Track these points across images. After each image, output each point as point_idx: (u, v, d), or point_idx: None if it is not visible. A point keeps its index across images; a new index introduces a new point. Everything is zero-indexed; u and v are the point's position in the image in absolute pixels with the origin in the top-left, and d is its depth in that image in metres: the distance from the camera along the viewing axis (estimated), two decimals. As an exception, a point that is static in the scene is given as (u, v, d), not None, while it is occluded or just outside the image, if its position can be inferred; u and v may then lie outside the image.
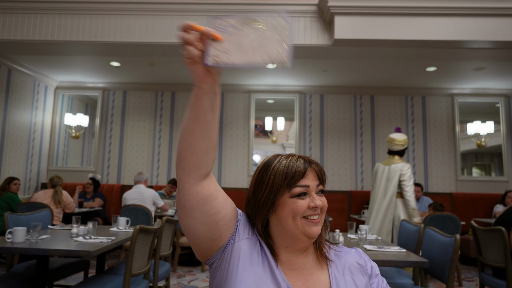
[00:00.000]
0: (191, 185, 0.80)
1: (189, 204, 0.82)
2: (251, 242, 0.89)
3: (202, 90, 0.75)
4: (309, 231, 0.87)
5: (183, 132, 0.79)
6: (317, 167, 0.93)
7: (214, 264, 0.89)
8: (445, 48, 4.17)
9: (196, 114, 0.77)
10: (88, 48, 4.56)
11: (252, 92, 6.42)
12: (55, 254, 2.16)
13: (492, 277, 2.96)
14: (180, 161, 0.80)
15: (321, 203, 0.89)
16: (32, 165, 5.97)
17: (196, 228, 0.84)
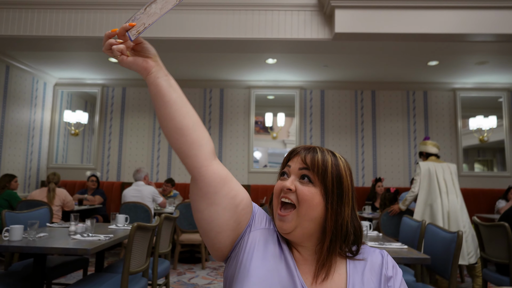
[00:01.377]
0: (207, 165, 0.78)
1: (211, 188, 0.78)
2: (268, 232, 0.85)
3: (152, 76, 0.77)
4: (277, 224, 0.83)
5: (163, 123, 0.79)
6: (306, 151, 0.85)
7: (231, 256, 0.85)
8: (447, 41, 4.12)
9: (162, 100, 0.77)
10: (87, 44, 4.52)
11: (252, 88, 6.37)
12: (52, 252, 2.14)
13: (495, 273, 2.93)
14: (178, 151, 0.78)
15: (288, 185, 0.81)
16: (32, 163, 5.95)
17: (220, 215, 0.79)
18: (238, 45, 4.43)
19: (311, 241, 0.83)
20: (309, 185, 0.81)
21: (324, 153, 0.84)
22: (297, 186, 0.82)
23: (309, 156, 0.83)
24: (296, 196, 0.81)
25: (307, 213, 0.79)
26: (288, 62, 5.38)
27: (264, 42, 4.29)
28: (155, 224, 2.53)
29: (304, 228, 0.80)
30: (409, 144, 6.19)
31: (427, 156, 4.04)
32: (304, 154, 0.84)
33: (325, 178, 0.81)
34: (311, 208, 0.79)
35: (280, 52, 4.80)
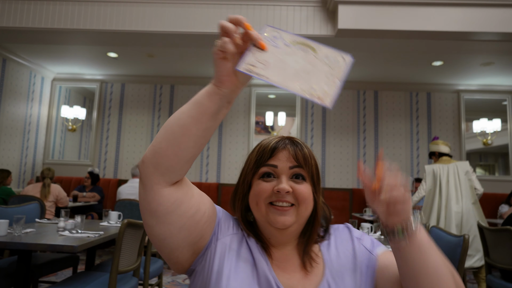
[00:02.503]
0: (162, 186, 0.67)
1: (162, 208, 0.67)
2: (237, 237, 0.78)
3: (218, 91, 0.64)
4: (273, 219, 0.74)
5: (175, 128, 0.65)
6: (295, 147, 0.78)
7: (196, 269, 0.76)
8: (452, 40, 4.02)
9: (199, 114, 0.65)
10: (85, 37, 4.43)
11: (253, 86, 6.27)
12: (37, 248, 2.04)
13: (500, 279, 2.82)
14: (156, 158, 0.65)
15: (287, 188, 0.74)
16: (27, 158, 5.85)
17: (174, 235, 0.70)
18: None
19: (296, 237, 0.80)
20: (304, 183, 0.76)
21: (304, 145, 0.80)
22: (294, 186, 0.75)
23: (299, 151, 0.78)
24: (293, 197, 0.75)
25: (306, 211, 0.77)
26: (290, 60, 5.27)
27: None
28: (147, 221, 2.43)
29: (300, 224, 0.78)
30: (412, 145, 6.08)
31: (439, 156, 3.92)
32: (293, 150, 0.78)
33: (312, 173, 0.78)
34: (309, 205, 0.77)
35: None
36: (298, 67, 0.60)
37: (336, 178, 6.04)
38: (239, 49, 0.62)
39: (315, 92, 0.57)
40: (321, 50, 0.63)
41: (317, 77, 0.59)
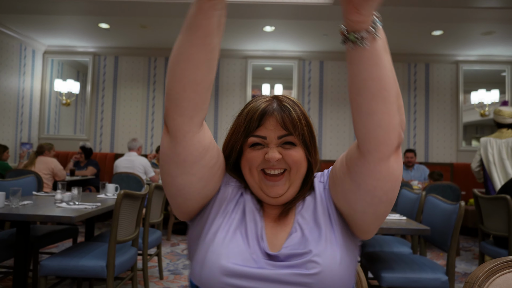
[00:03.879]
0: (194, 133, 0.66)
1: (191, 158, 0.68)
2: (237, 189, 0.81)
3: (211, 2, 0.56)
4: (266, 189, 0.77)
5: (182, 65, 0.61)
6: (283, 112, 0.77)
7: (197, 217, 0.80)
8: (453, 7, 3.91)
9: (201, 38, 0.59)
10: (75, 6, 4.29)
11: (249, 58, 6.16)
12: (35, 219, 2.04)
13: (493, 246, 2.88)
14: (178, 104, 0.63)
15: (276, 156, 0.75)
16: (23, 133, 5.80)
17: (193, 185, 0.72)
18: (234, 9, 4.21)
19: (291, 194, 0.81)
20: (294, 148, 0.77)
21: (293, 107, 0.78)
22: (283, 153, 0.76)
23: (287, 117, 0.76)
24: (284, 162, 0.76)
25: (298, 173, 0.78)
26: (287, 31, 5.16)
27: (261, 6, 4.07)
28: (144, 192, 2.43)
29: (295, 186, 0.79)
30: (409, 118, 6.07)
31: (498, 127, 3.65)
32: (281, 117, 0.76)
33: (304, 135, 0.78)
34: (301, 167, 0.78)
35: (278, 18, 4.58)
36: None
37: (332, 150, 6.05)
38: None
39: None
40: None
41: None
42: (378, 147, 0.62)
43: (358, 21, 0.55)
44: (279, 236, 0.76)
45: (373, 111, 0.60)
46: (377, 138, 0.62)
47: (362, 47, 0.57)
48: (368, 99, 0.60)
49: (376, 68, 0.58)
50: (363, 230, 0.75)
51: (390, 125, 0.61)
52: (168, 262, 3.46)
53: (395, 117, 0.61)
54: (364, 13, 0.54)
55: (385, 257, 2.32)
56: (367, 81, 0.59)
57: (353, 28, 0.56)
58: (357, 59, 0.58)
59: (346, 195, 0.72)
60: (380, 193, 0.67)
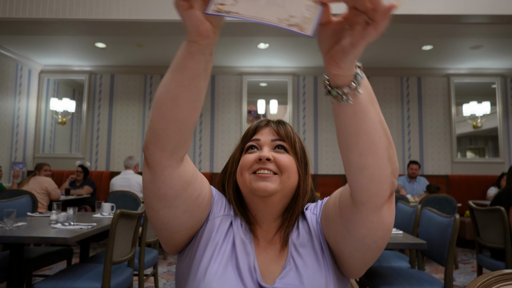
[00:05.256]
0: (173, 167, 0.66)
1: (171, 192, 0.68)
2: (226, 219, 0.80)
3: (199, 46, 0.57)
4: (255, 185, 0.76)
5: (168, 103, 0.61)
6: (277, 124, 0.84)
7: (185, 249, 0.80)
8: (442, 23, 4.01)
9: (188, 80, 0.59)
10: (72, 27, 4.33)
11: (244, 74, 6.23)
12: (30, 241, 2.02)
13: (490, 258, 2.87)
14: (160, 140, 0.63)
15: (267, 155, 0.78)
16: (17, 152, 5.78)
17: (178, 218, 0.71)
18: (229, 28, 4.28)
19: (280, 212, 0.82)
20: (285, 153, 0.80)
21: (288, 126, 0.85)
22: (275, 155, 0.79)
23: (281, 127, 0.83)
24: (275, 166, 0.78)
25: (289, 180, 0.78)
26: (281, 47, 5.25)
27: (255, 24, 4.14)
28: (141, 211, 2.42)
29: (283, 196, 0.79)
30: (403, 129, 6.12)
31: None
32: (275, 126, 0.84)
33: (296, 148, 0.82)
34: (292, 175, 0.79)
35: (271, 35, 4.66)
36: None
37: (329, 164, 6.07)
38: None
39: (293, 20, 0.50)
40: None
41: (295, 1, 0.51)
42: (370, 200, 0.62)
43: (338, 75, 0.54)
44: (272, 268, 0.75)
45: (364, 166, 0.59)
46: (369, 191, 0.61)
47: (346, 103, 0.56)
48: (358, 154, 0.59)
49: (362, 123, 0.57)
50: (349, 271, 0.75)
51: (382, 178, 0.60)
52: (165, 282, 3.42)
53: (386, 169, 0.60)
54: (343, 66, 0.53)
55: (383, 272, 2.31)
56: (354, 137, 0.58)
57: (335, 83, 0.55)
58: (342, 114, 0.57)
59: (336, 236, 0.71)
60: (369, 242, 0.67)
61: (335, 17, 0.53)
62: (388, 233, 0.67)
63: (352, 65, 0.54)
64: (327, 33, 0.53)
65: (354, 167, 0.60)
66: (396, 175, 0.63)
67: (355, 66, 0.55)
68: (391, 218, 0.66)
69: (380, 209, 0.63)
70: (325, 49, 0.54)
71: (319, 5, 0.50)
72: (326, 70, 0.55)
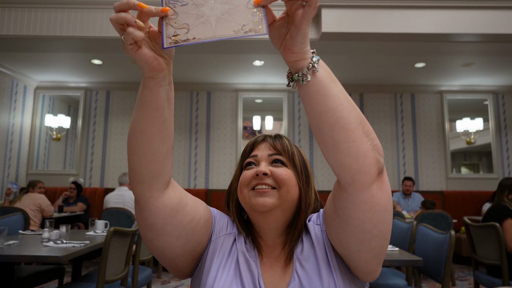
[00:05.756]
0: (156, 198, 0.68)
1: (159, 221, 0.69)
2: (229, 238, 0.80)
3: (156, 80, 0.60)
4: (254, 201, 0.75)
5: (136, 137, 0.64)
6: (274, 139, 0.84)
7: (194, 272, 0.80)
8: (434, 41, 4.09)
9: (151, 113, 0.63)
10: (68, 44, 4.37)
11: (240, 91, 6.28)
12: (21, 260, 1.98)
13: (487, 275, 2.86)
14: (137, 173, 0.66)
15: (264, 170, 0.77)
16: (10, 169, 5.72)
17: (173, 245, 0.72)
18: (225, 45, 4.34)
19: (283, 227, 0.80)
20: (283, 167, 0.79)
21: (286, 139, 0.85)
22: (272, 169, 0.78)
23: (278, 142, 0.83)
24: (273, 180, 0.77)
25: (288, 194, 0.77)
26: (276, 64, 5.31)
27: (251, 42, 4.20)
28: (135, 229, 2.39)
29: (284, 210, 0.78)
30: (398, 146, 6.16)
31: None
32: (272, 141, 0.84)
33: (294, 161, 0.81)
34: (291, 188, 0.78)
35: (266, 53, 4.73)
36: (218, 13, 0.56)
37: (324, 180, 6.06)
38: (145, 30, 0.57)
39: (246, 27, 0.56)
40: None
41: (240, 13, 0.56)
42: (355, 176, 0.61)
43: (295, 61, 0.60)
44: (278, 285, 0.75)
45: (336, 142, 0.61)
46: (350, 167, 0.61)
47: (307, 83, 0.60)
48: (329, 130, 0.61)
49: (327, 100, 0.60)
50: (364, 271, 0.73)
51: (360, 152, 0.60)
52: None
53: (363, 143, 0.61)
54: (296, 50, 0.58)
55: (379, 290, 2.29)
56: (322, 114, 0.61)
57: (295, 69, 0.60)
58: (307, 95, 0.61)
59: (338, 234, 0.70)
60: (369, 227, 0.65)
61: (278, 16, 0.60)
62: (386, 213, 0.66)
63: (304, 47, 0.59)
64: (275, 31, 0.60)
65: (329, 144, 0.62)
66: (381, 153, 0.63)
67: (309, 51, 0.60)
68: (386, 199, 0.65)
69: (369, 187, 0.63)
70: (279, 44, 0.61)
71: (260, 7, 0.57)
72: (286, 61, 0.61)
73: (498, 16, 3.83)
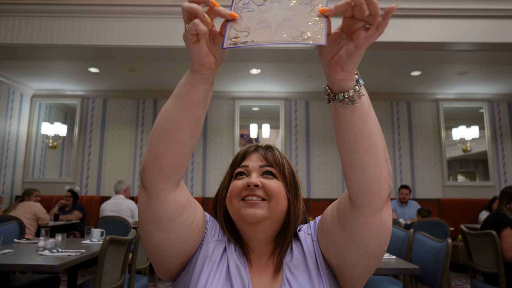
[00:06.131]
0: (169, 191, 0.68)
1: (166, 215, 0.69)
2: (220, 244, 0.80)
3: (201, 76, 0.63)
4: (244, 212, 0.76)
5: (168, 127, 0.65)
6: (265, 150, 0.84)
7: (180, 275, 0.79)
8: (430, 50, 4.14)
9: (189, 106, 0.64)
10: (65, 52, 4.38)
11: (237, 99, 6.30)
12: (16, 269, 1.97)
13: (484, 283, 2.85)
14: (157, 163, 0.66)
15: (255, 181, 0.77)
16: (6, 177, 5.68)
17: (171, 243, 0.72)
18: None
19: (271, 237, 0.81)
20: (273, 179, 0.80)
21: (276, 151, 0.85)
22: (263, 181, 0.79)
23: (269, 153, 0.83)
24: (263, 192, 0.78)
25: (278, 206, 0.78)
26: (272, 73, 5.34)
27: (247, 50, 4.23)
28: (131, 237, 2.38)
29: (273, 221, 0.79)
30: (394, 154, 6.18)
31: None
32: (263, 152, 0.84)
33: (284, 173, 0.82)
34: (281, 200, 0.78)
35: (263, 61, 4.76)
36: (280, 18, 0.57)
37: (321, 188, 6.06)
38: (209, 27, 0.59)
39: (305, 35, 0.55)
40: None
41: (301, 20, 0.57)
42: (372, 200, 0.64)
43: (343, 80, 0.59)
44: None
45: (366, 166, 0.62)
46: (371, 191, 0.63)
47: (351, 106, 0.60)
48: (361, 154, 0.62)
49: (366, 124, 0.61)
50: (352, 283, 0.75)
51: (382, 178, 0.63)
52: (155, 310, 3.31)
53: (385, 169, 0.64)
54: (348, 70, 0.58)
55: (377, 298, 2.28)
56: (358, 138, 0.61)
57: (340, 88, 0.59)
58: (347, 117, 0.61)
59: (338, 247, 0.71)
60: (373, 246, 0.68)
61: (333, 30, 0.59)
62: (389, 235, 0.69)
63: (355, 68, 0.59)
64: (328, 44, 0.57)
65: (357, 167, 0.63)
66: (391, 177, 0.66)
67: (355, 72, 0.60)
68: (390, 221, 0.68)
69: (381, 210, 0.66)
70: (327, 59, 0.59)
71: (323, 17, 0.56)
72: (331, 77, 0.60)
73: (493, 25, 3.89)
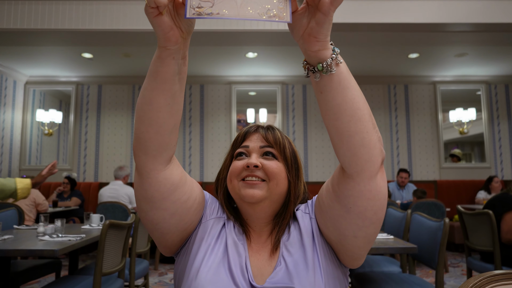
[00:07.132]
0: (158, 170, 0.69)
1: (158, 194, 0.70)
2: (219, 221, 0.82)
3: (169, 51, 0.60)
4: (243, 193, 0.77)
5: (144, 107, 0.65)
6: (266, 130, 0.84)
7: (181, 251, 0.81)
8: (427, 31, 4.10)
9: (161, 84, 0.63)
10: (58, 37, 4.30)
11: (233, 84, 6.25)
12: (16, 254, 1.97)
13: (480, 261, 2.91)
14: (142, 143, 0.67)
15: (255, 162, 0.78)
16: (3, 165, 5.66)
17: (166, 220, 0.73)
18: (217, 37, 4.31)
19: (270, 217, 0.82)
20: (274, 160, 0.80)
21: (278, 131, 0.85)
22: (263, 162, 0.79)
23: (270, 134, 0.83)
24: (263, 172, 0.78)
25: (277, 187, 0.78)
26: (269, 56, 5.29)
27: (244, 34, 4.18)
28: (130, 221, 2.39)
29: (272, 201, 0.79)
30: (391, 137, 6.20)
31: None
32: (264, 132, 0.83)
33: (285, 154, 0.82)
34: (281, 181, 0.79)
35: (260, 45, 4.70)
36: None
37: (319, 172, 6.09)
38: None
39: (271, 13, 0.55)
40: None
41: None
42: (365, 166, 0.64)
43: (319, 50, 0.59)
44: (264, 269, 0.76)
45: (353, 132, 0.62)
46: (362, 157, 0.63)
47: (331, 74, 0.60)
48: (347, 121, 0.62)
49: (347, 91, 0.61)
50: (353, 257, 0.75)
51: (371, 143, 0.63)
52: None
53: (373, 134, 0.64)
54: (321, 38, 0.58)
55: (375, 277, 2.32)
56: (342, 105, 0.62)
57: (318, 58, 0.60)
58: (328, 86, 0.61)
59: (336, 221, 0.72)
60: (370, 214, 0.68)
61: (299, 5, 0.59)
62: (385, 202, 0.69)
63: (328, 35, 0.59)
64: (296, 21, 0.58)
65: (345, 135, 0.63)
66: (382, 143, 0.67)
67: (329, 41, 0.60)
68: (385, 187, 0.69)
69: (375, 176, 0.66)
70: (300, 33, 0.59)
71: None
72: (307, 51, 0.60)
73: (491, 5, 3.85)
